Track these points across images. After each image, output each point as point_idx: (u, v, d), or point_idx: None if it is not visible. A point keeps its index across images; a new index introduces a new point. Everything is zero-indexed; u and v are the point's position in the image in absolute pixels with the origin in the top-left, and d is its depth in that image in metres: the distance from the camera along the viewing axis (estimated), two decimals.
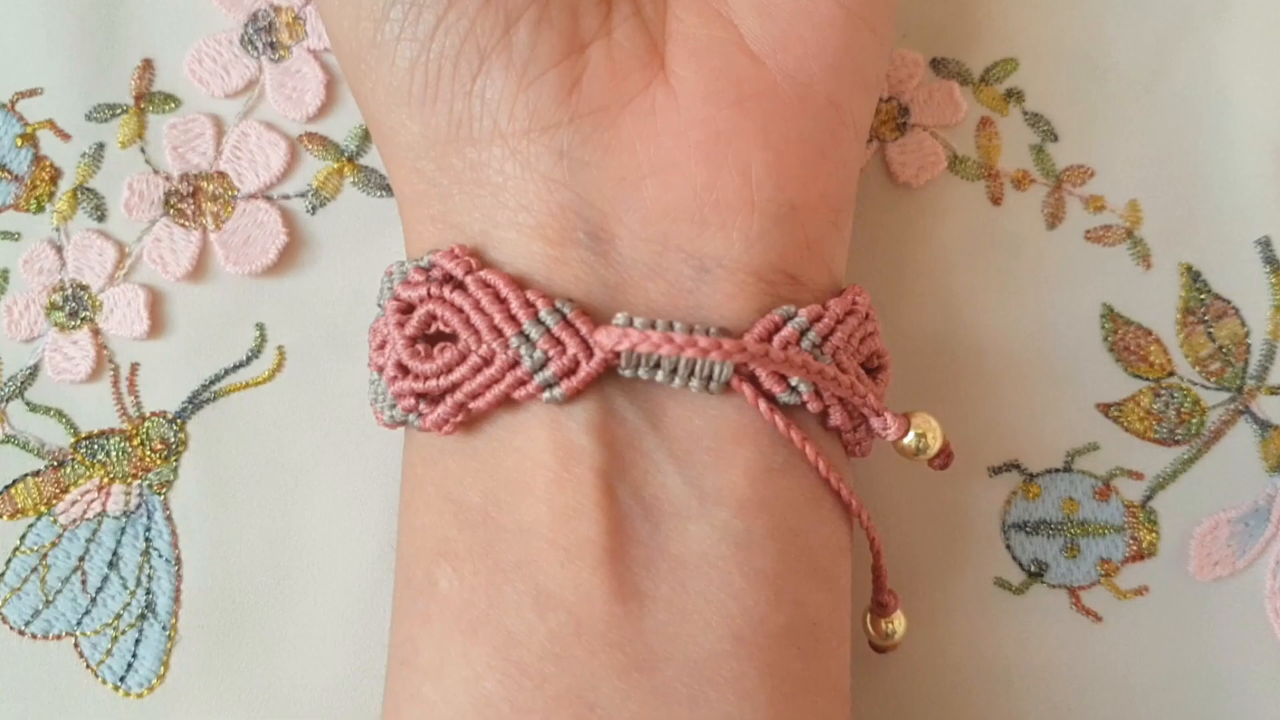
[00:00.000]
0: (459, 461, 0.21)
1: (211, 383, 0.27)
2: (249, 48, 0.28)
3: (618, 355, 0.19)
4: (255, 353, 0.27)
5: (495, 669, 0.19)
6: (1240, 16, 0.28)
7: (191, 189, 0.27)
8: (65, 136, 0.28)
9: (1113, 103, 0.27)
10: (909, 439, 0.22)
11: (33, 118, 0.28)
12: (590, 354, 0.20)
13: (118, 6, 0.28)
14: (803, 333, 0.20)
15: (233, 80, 0.28)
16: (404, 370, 0.21)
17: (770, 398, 0.20)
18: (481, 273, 0.20)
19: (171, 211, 0.27)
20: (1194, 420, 0.26)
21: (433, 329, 0.21)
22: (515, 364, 0.20)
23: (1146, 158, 0.27)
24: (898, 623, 0.24)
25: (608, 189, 0.20)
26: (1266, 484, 0.26)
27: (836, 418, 0.21)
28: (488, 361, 0.20)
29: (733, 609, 0.19)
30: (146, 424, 0.27)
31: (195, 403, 0.27)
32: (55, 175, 0.27)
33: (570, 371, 0.20)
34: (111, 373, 0.27)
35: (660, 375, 0.20)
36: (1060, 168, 0.27)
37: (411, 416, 0.21)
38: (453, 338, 0.21)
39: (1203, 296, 0.27)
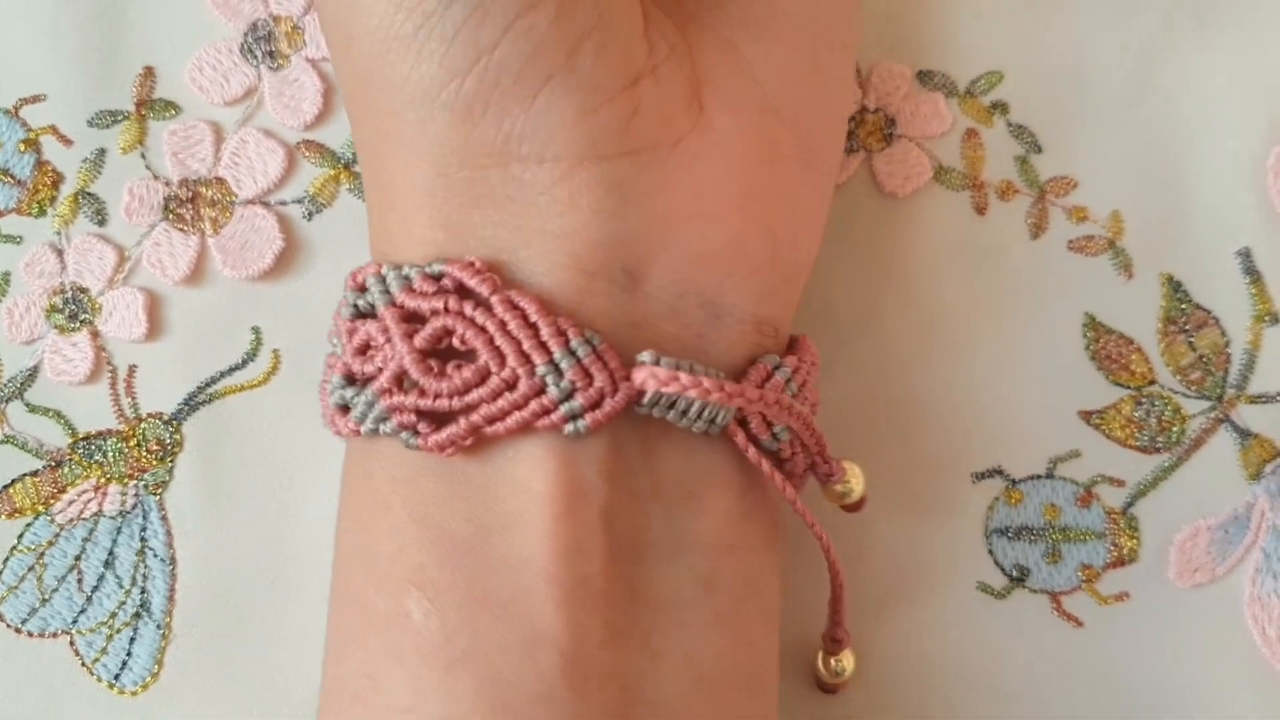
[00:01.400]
0: (443, 486, 0.20)
1: (208, 385, 0.27)
2: (248, 56, 0.28)
3: (641, 393, 0.19)
4: (251, 356, 0.27)
5: (480, 708, 0.19)
6: (1222, 29, 0.28)
7: (191, 194, 0.28)
8: (67, 142, 0.28)
9: (1096, 115, 0.28)
10: (840, 486, 0.23)
11: (35, 123, 0.28)
12: (615, 389, 0.19)
13: (120, 15, 0.28)
14: (786, 381, 0.21)
15: (232, 88, 0.28)
16: (399, 384, 0.20)
17: (757, 442, 0.21)
18: (510, 293, 0.19)
19: (171, 216, 0.28)
20: (1175, 428, 0.27)
21: (443, 344, 0.20)
22: (540, 391, 0.19)
23: (1129, 169, 0.28)
24: (847, 660, 0.24)
25: (653, 228, 0.20)
26: (1246, 492, 0.27)
27: (797, 463, 0.22)
28: (510, 385, 0.19)
29: (699, 652, 0.20)
30: (143, 425, 0.27)
31: (192, 404, 0.27)
32: (57, 180, 0.28)
33: (595, 405, 0.19)
34: (110, 374, 0.27)
35: (672, 414, 0.20)
36: (1044, 179, 0.28)
37: (406, 435, 0.20)
38: (465, 355, 0.20)
39: (1184, 306, 0.27)
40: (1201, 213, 0.27)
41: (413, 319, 0.20)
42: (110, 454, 0.27)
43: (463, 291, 0.20)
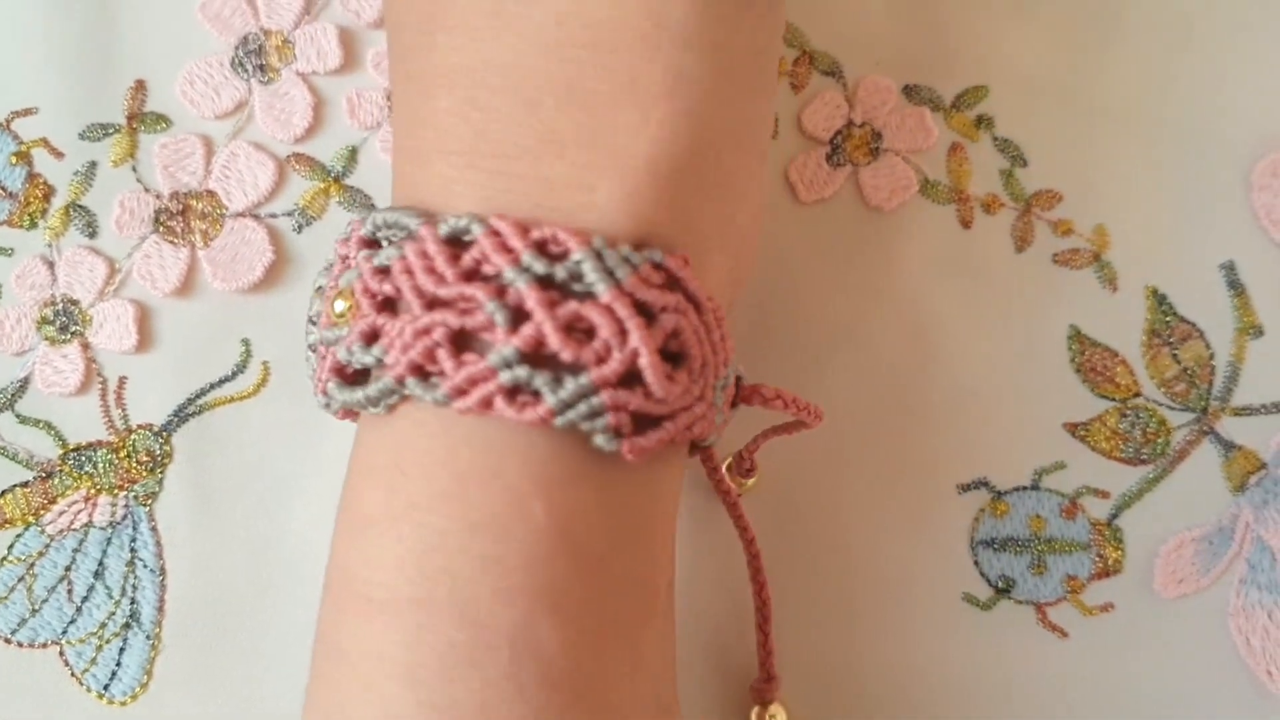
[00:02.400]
0: (592, 493, 0.18)
1: (197, 396, 0.27)
2: (239, 70, 0.28)
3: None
4: (241, 367, 0.27)
5: None
6: (1206, 45, 0.28)
7: (181, 207, 0.28)
8: (59, 155, 0.28)
9: (1081, 129, 0.28)
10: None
11: (27, 136, 0.28)
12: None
13: (112, 28, 0.28)
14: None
15: (223, 101, 0.28)
16: (629, 384, 0.18)
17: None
18: (713, 300, 0.19)
19: (161, 229, 0.28)
20: (1159, 440, 0.27)
21: (667, 346, 0.18)
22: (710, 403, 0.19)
23: (1113, 183, 0.28)
24: (778, 716, 0.24)
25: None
26: (1230, 504, 0.27)
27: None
28: (703, 396, 0.19)
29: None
30: (133, 436, 0.27)
31: (181, 416, 0.27)
32: (48, 192, 0.28)
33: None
34: (100, 386, 0.27)
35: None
36: (1029, 192, 0.28)
37: (606, 436, 0.17)
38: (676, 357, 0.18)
39: (1168, 319, 0.27)
40: (1186, 226, 0.28)
41: (646, 313, 0.18)
42: (100, 465, 0.27)
43: (681, 288, 0.18)
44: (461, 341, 0.17)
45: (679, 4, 0.18)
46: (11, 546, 0.27)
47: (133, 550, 0.27)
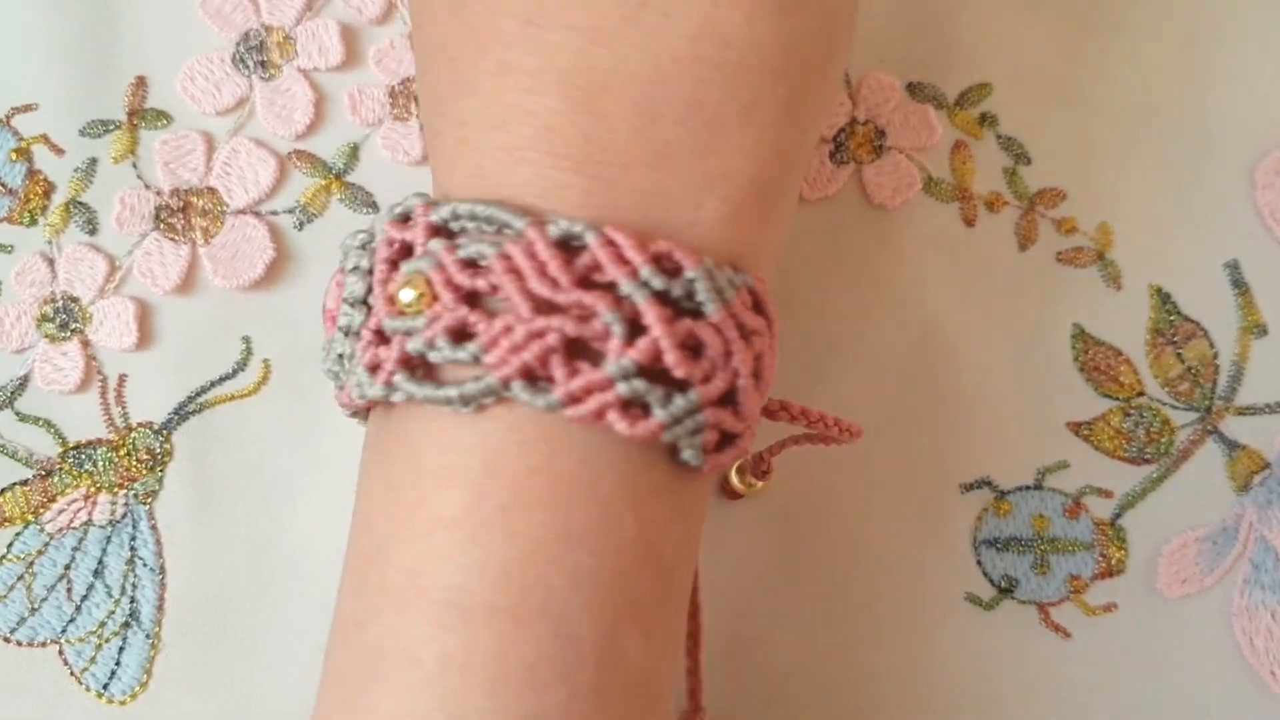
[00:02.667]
0: (670, 509, 0.18)
1: (198, 394, 0.27)
2: (240, 66, 0.28)
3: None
4: (241, 365, 0.27)
5: None
6: (1209, 43, 0.28)
7: (182, 204, 0.28)
8: (59, 151, 0.28)
9: (1085, 127, 0.28)
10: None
11: (27, 132, 0.28)
12: None
13: (112, 25, 0.28)
14: None
15: (224, 98, 0.28)
16: (723, 403, 0.18)
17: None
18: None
19: (162, 226, 0.28)
20: (1163, 440, 0.27)
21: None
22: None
23: (1117, 181, 0.28)
24: None
25: None
26: (1234, 503, 0.27)
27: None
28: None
29: None
30: (133, 434, 0.27)
31: (181, 414, 0.27)
32: (48, 189, 0.28)
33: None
34: (100, 384, 0.27)
35: None
36: (1032, 190, 0.28)
37: (695, 451, 0.18)
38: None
39: (1172, 318, 0.27)
40: (1190, 225, 0.27)
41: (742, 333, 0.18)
42: (100, 463, 0.27)
43: (763, 311, 0.19)
44: (572, 349, 0.17)
45: (806, 33, 0.18)
46: (11, 545, 0.27)
47: (132, 549, 0.27)
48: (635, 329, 0.17)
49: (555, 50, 0.18)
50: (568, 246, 0.17)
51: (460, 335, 0.18)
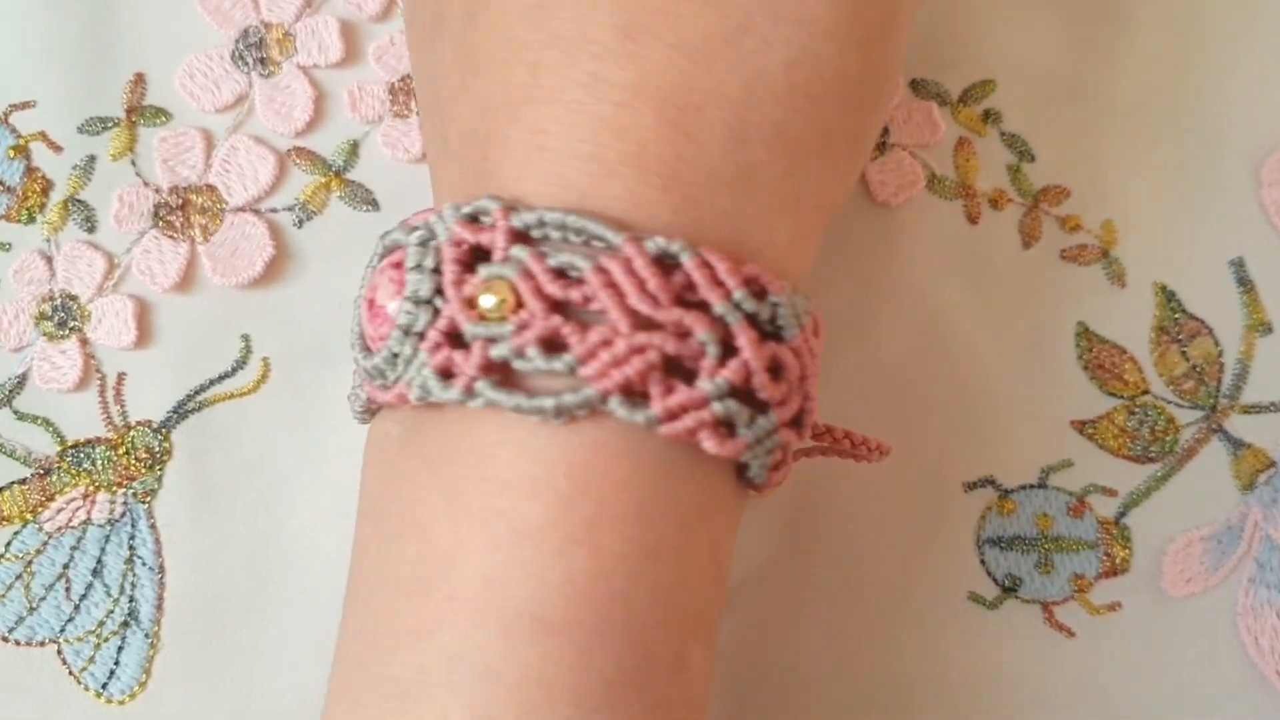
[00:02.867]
0: (731, 525, 0.19)
1: (197, 393, 0.27)
2: (239, 63, 0.28)
3: None
4: (240, 364, 0.27)
5: None
6: (1215, 39, 0.28)
7: (181, 201, 0.28)
8: (57, 148, 0.28)
9: (1089, 124, 0.28)
10: None
11: (25, 130, 0.28)
12: None
13: (111, 21, 0.28)
14: None
15: (223, 95, 0.28)
16: (795, 423, 0.19)
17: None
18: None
19: (161, 223, 0.28)
20: (1167, 438, 0.27)
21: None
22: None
23: (1122, 178, 0.27)
24: None
25: None
26: (1239, 502, 0.26)
27: None
28: None
29: None
30: (132, 433, 0.27)
31: (180, 412, 0.27)
32: (46, 187, 0.28)
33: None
34: (98, 382, 0.27)
35: None
36: (1036, 187, 0.28)
37: (760, 472, 0.18)
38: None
39: (1177, 316, 0.27)
40: (1195, 222, 0.27)
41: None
42: (99, 462, 0.27)
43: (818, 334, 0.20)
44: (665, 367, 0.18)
45: (880, 67, 0.19)
46: (9, 544, 0.26)
47: (131, 548, 0.26)
48: (726, 349, 0.18)
49: (653, 67, 0.18)
50: (662, 264, 0.18)
51: (551, 346, 0.17)
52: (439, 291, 0.18)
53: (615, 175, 0.18)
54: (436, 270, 0.18)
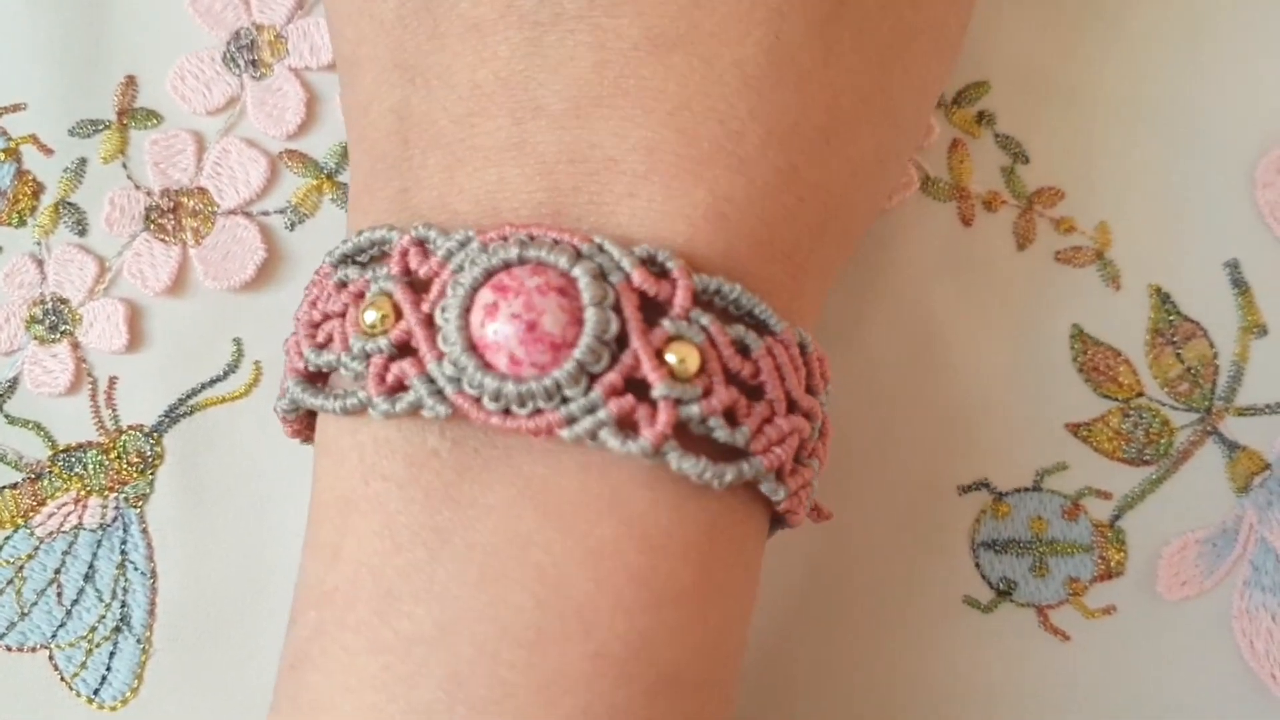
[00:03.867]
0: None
1: (189, 397, 0.27)
2: (231, 65, 0.28)
3: None
4: (233, 367, 0.27)
5: None
6: (1209, 40, 0.28)
7: (172, 204, 0.28)
8: (48, 151, 0.28)
9: (1083, 125, 0.28)
10: None
11: (16, 133, 0.28)
12: None
13: (102, 23, 0.28)
14: None
15: (214, 97, 0.28)
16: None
17: None
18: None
19: (152, 226, 0.27)
20: (1162, 441, 0.27)
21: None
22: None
23: (1116, 180, 0.27)
24: None
25: None
26: (1234, 505, 0.26)
27: None
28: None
29: None
30: (124, 437, 0.27)
31: (172, 416, 0.27)
32: (37, 190, 0.28)
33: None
34: (90, 386, 0.27)
35: None
36: (1031, 189, 0.27)
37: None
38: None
39: (1171, 318, 0.27)
40: (1189, 224, 0.27)
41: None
42: (90, 466, 0.27)
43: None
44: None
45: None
46: (0, 549, 0.26)
47: (123, 553, 0.26)
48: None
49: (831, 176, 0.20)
50: (803, 352, 0.19)
51: (731, 416, 0.18)
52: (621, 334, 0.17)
53: (775, 260, 0.19)
54: (618, 309, 0.17)
